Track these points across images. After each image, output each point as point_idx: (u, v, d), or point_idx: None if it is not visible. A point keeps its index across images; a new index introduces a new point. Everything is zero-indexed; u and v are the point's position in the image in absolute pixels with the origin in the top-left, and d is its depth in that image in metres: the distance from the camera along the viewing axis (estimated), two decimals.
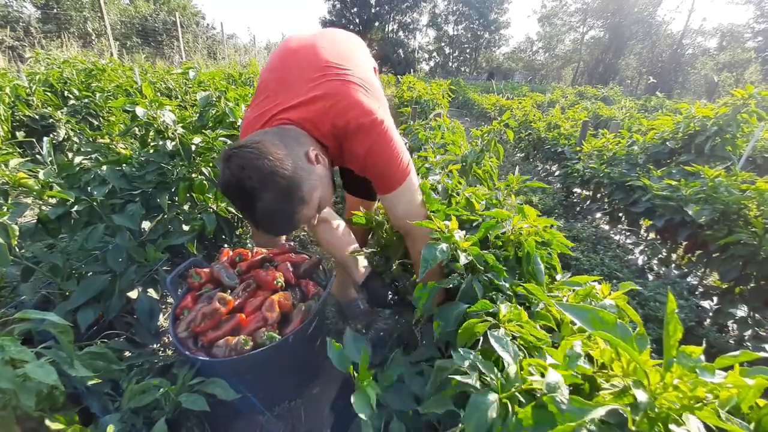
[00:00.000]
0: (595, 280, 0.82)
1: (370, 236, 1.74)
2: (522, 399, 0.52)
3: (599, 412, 0.39)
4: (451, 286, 0.85)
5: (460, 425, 0.51)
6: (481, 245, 0.94)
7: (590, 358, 0.60)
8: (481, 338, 0.68)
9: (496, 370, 0.56)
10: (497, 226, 0.96)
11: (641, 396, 0.41)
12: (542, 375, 0.51)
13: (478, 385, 0.55)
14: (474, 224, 1.12)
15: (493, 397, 0.51)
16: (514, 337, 0.65)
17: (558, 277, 0.98)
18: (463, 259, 0.81)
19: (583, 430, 0.44)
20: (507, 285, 0.84)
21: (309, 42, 1.11)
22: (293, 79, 1.03)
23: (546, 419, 0.41)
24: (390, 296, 1.24)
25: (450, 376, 0.58)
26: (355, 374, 0.68)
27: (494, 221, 0.99)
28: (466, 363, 0.57)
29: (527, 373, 0.54)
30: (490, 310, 0.71)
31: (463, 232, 0.92)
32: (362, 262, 1.27)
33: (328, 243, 1.29)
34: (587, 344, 0.55)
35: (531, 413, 0.45)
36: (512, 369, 0.54)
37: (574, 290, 0.83)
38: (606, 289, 0.77)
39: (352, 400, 0.64)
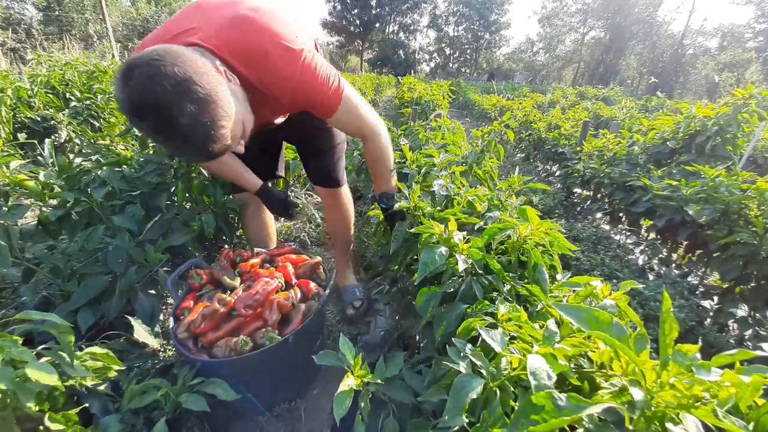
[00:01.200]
0: (595, 281, 0.82)
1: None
2: (513, 389, 0.54)
3: (595, 409, 0.39)
4: (451, 288, 0.85)
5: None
6: (482, 250, 0.94)
7: (590, 358, 0.60)
8: (480, 337, 0.68)
9: (486, 360, 0.57)
10: (500, 232, 0.94)
11: (638, 395, 0.41)
12: (524, 355, 0.53)
13: (469, 372, 0.57)
14: (476, 227, 1.10)
15: (478, 381, 0.53)
16: (512, 337, 0.65)
17: (558, 277, 0.98)
18: (462, 264, 0.81)
19: (581, 429, 0.44)
20: (507, 287, 0.84)
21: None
22: (198, 14, 0.96)
23: (529, 406, 0.41)
24: (285, 203, 1.42)
25: (445, 363, 0.60)
26: (349, 370, 0.70)
27: (497, 228, 0.96)
28: (461, 354, 0.59)
29: (507, 352, 0.56)
30: (489, 310, 0.71)
31: (464, 233, 0.91)
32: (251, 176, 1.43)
33: (219, 167, 1.41)
34: (585, 344, 0.55)
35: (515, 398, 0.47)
36: (503, 361, 0.56)
37: (574, 291, 0.83)
38: (606, 290, 0.77)
39: (334, 398, 0.65)
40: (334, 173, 1.58)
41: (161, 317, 1.48)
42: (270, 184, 1.52)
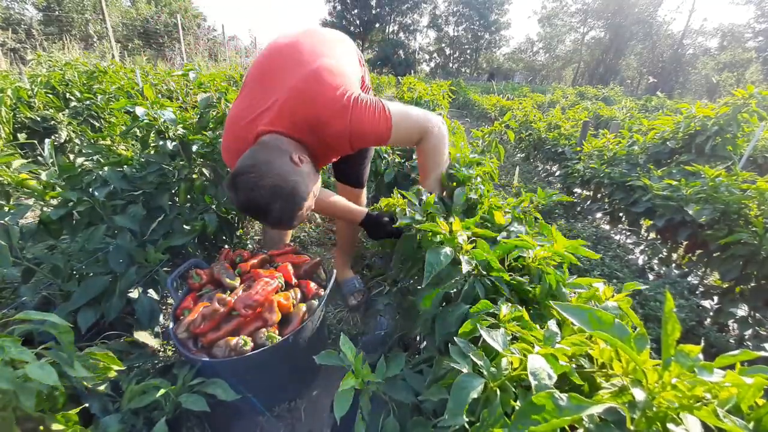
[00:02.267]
0: (598, 282, 0.81)
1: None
2: (514, 390, 0.54)
3: (596, 410, 0.39)
4: (454, 290, 0.85)
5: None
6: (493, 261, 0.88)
7: (590, 358, 0.60)
8: (482, 337, 0.68)
9: (487, 360, 0.58)
10: (516, 250, 0.87)
11: (639, 395, 0.41)
12: (524, 356, 0.53)
13: (470, 371, 0.57)
14: (497, 238, 1.01)
15: (478, 381, 0.54)
16: (515, 338, 0.65)
17: None
18: (465, 266, 0.80)
19: (582, 429, 0.44)
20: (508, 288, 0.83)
21: (293, 39, 1.24)
22: (272, 77, 1.16)
23: (530, 406, 0.41)
24: (389, 228, 1.36)
25: (446, 363, 0.59)
26: (349, 369, 0.69)
27: (512, 245, 0.87)
28: (462, 354, 0.60)
29: (508, 352, 0.56)
30: (491, 311, 0.71)
31: (467, 234, 0.90)
32: (359, 208, 1.45)
33: (324, 208, 1.44)
34: (586, 343, 0.55)
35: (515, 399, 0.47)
36: (504, 361, 0.56)
37: (576, 292, 0.82)
38: (609, 292, 0.77)
39: (335, 398, 0.65)
40: (361, 175, 1.69)
41: (161, 317, 1.48)
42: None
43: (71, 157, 3.07)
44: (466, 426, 0.53)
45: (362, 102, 1.11)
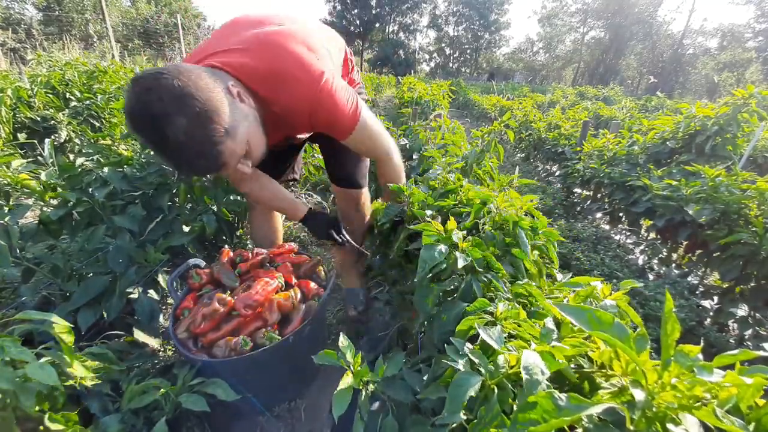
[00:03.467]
0: (596, 281, 0.82)
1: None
2: (511, 387, 0.54)
3: (596, 410, 0.39)
4: (451, 287, 0.86)
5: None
6: (471, 231, 1.00)
7: (590, 359, 0.60)
8: (479, 335, 0.69)
9: (485, 358, 0.58)
10: (482, 207, 1.00)
11: (638, 395, 0.41)
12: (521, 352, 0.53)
13: (468, 370, 0.57)
14: (464, 215, 1.14)
15: (476, 379, 0.54)
16: (511, 336, 0.65)
17: (560, 277, 0.98)
18: (461, 262, 0.81)
19: (581, 429, 0.44)
20: (507, 288, 0.84)
21: (262, 15, 1.12)
22: (233, 33, 1.01)
23: (529, 405, 0.42)
24: (332, 231, 1.36)
25: (444, 362, 0.60)
26: (348, 369, 0.70)
27: (479, 204, 1.02)
28: (459, 352, 0.60)
29: (505, 350, 0.56)
30: (488, 309, 0.71)
31: (462, 233, 0.92)
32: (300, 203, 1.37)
33: (262, 196, 1.34)
34: (585, 344, 0.55)
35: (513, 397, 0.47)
36: (501, 358, 0.56)
37: (574, 291, 0.83)
38: (607, 290, 0.77)
39: (333, 397, 0.66)
40: (355, 175, 1.50)
41: (161, 317, 1.48)
42: (305, 201, 1.51)
43: (71, 157, 3.07)
44: (464, 424, 0.53)
45: (337, 82, 1.00)
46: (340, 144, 1.17)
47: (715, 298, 1.91)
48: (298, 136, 1.33)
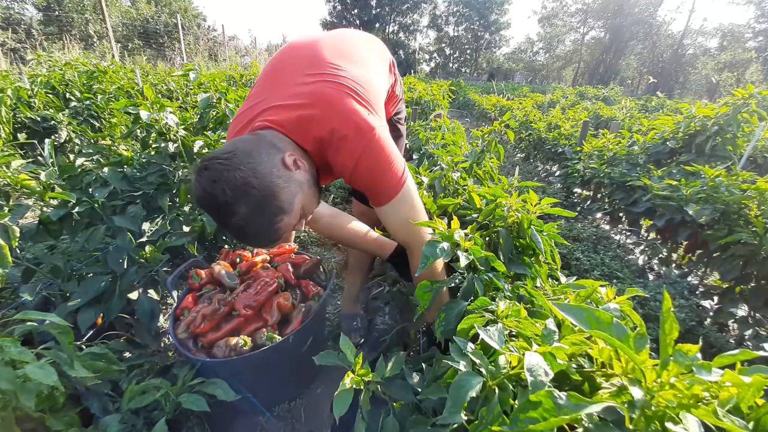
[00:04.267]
0: (601, 285, 0.82)
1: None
2: (512, 388, 0.54)
3: (595, 408, 0.39)
4: (452, 285, 0.86)
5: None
6: (481, 229, 1.00)
7: (590, 358, 0.60)
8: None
9: (486, 358, 0.58)
10: (497, 208, 0.99)
11: (638, 394, 0.41)
12: (523, 354, 0.53)
13: (469, 370, 0.57)
14: (467, 218, 1.14)
15: (477, 380, 0.53)
16: (512, 334, 0.65)
17: (563, 280, 0.98)
18: (463, 260, 0.81)
19: (581, 428, 0.44)
20: (508, 287, 0.84)
21: (311, 40, 1.06)
22: (285, 77, 0.98)
23: (529, 404, 0.42)
24: None
25: (445, 362, 0.60)
26: (349, 369, 0.70)
27: (493, 205, 1.01)
28: (461, 352, 0.60)
29: (506, 350, 0.56)
30: (489, 307, 0.71)
31: (464, 232, 0.92)
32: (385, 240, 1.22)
33: (342, 237, 1.23)
34: (586, 342, 0.55)
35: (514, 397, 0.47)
36: (502, 359, 0.56)
37: (576, 292, 0.83)
38: (611, 293, 0.77)
39: (334, 398, 0.66)
40: None
41: (161, 317, 1.48)
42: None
43: (71, 157, 3.07)
44: (465, 424, 0.53)
45: (387, 142, 0.92)
46: None
47: (715, 298, 1.91)
48: None
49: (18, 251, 1.24)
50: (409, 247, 1.06)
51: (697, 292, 2.01)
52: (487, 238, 1.04)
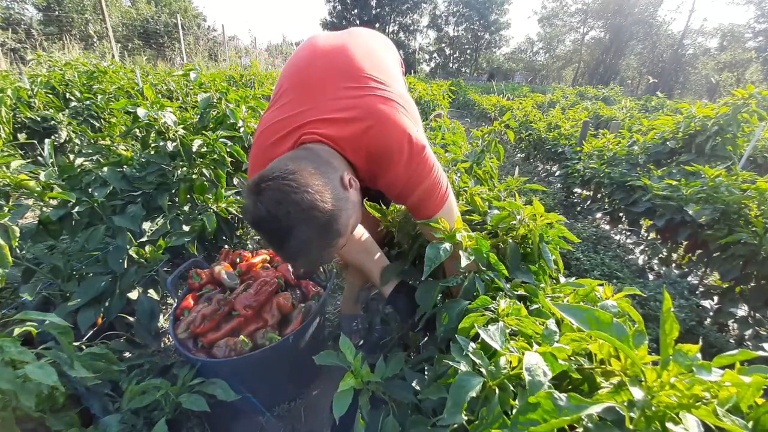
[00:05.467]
0: (599, 284, 0.82)
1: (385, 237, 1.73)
2: (512, 388, 0.54)
3: (595, 409, 0.39)
4: (454, 284, 0.86)
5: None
6: (489, 237, 0.99)
7: (590, 356, 0.60)
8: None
9: (486, 359, 0.58)
10: (508, 217, 0.98)
11: (638, 394, 0.41)
12: (523, 354, 0.53)
13: (469, 370, 0.57)
14: (474, 223, 1.13)
15: (477, 380, 0.53)
16: (513, 332, 0.66)
17: (562, 279, 0.99)
18: (464, 260, 0.81)
19: (581, 429, 0.44)
20: (508, 286, 0.84)
21: (339, 44, 1.02)
22: (324, 85, 0.93)
23: (529, 405, 0.42)
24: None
25: (445, 362, 0.60)
26: (349, 369, 0.70)
27: (506, 213, 1.00)
28: (462, 352, 0.60)
29: (506, 350, 0.56)
30: (490, 306, 0.71)
31: (468, 232, 0.92)
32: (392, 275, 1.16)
33: (357, 260, 1.19)
34: (586, 339, 0.55)
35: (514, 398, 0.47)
36: (503, 359, 0.56)
37: (575, 291, 0.83)
38: (609, 291, 0.78)
39: (334, 398, 0.66)
40: None
41: (161, 317, 1.48)
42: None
43: (71, 157, 3.07)
44: (465, 424, 0.53)
45: (433, 159, 0.93)
46: None
47: (715, 298, 1.91)
48: None
49: (18, 251, 1.24)
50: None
51: (697, 292, 2.01)
52: (495, 249, 1.02)
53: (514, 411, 0.45)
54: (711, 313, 1.84)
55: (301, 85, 0.97)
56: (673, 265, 2.28)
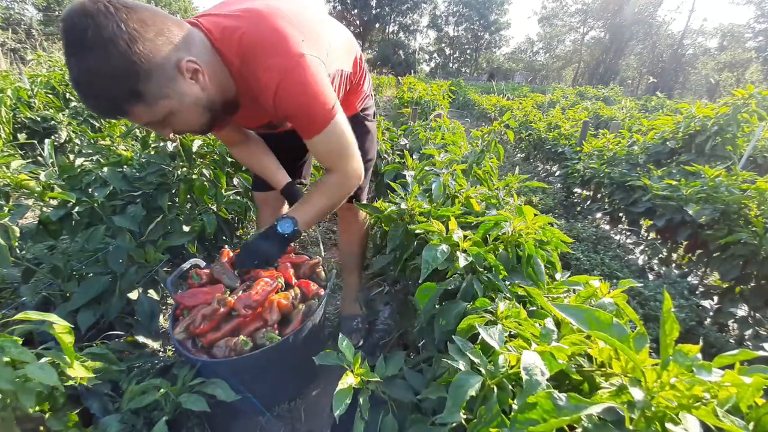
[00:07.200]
0: (594, 280, 0.82)
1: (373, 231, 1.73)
2: (511, 388, 0.54)
3: (595, 409, 0.39)
4: (452, 286, 0.86)
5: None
6: (479, 246, 0.95)
7: (590, 357, 0.60)
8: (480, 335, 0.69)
9: (485, 358, 0.58)
10: (496, 227, 0.97)
11: (638, 394, 0.41)
12: (521, 353, 0.53)
13: (468, 370, 0.57)
14: (473, 224, 1.13)
15: (476, 379, 0.54)
16: (512, 335, 0.65)
17: (558, 276, 0.98)
18: (462, 261, 0.82)
19: (580, 429, 0.44)
20: (507, 285, 0.84)
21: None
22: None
23: (527, 406, 0.42)
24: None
25: (445, 362, 0.60)
26: (348, 368, 0.70)
27: (492, 223, 0.99)
28: (461, 352, 0.60)
29: (504, 350, 0.56)
30: (489, 308, 0.71)
31: (463, 231, 0.92)
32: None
33: (251, 166, 1.33)
34: (585, 342, 0.55)
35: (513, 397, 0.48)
36: (501, 358, 0.56)
37: (573, 290, 0.83)
38: (605, 288, 0.78)
39: (334, 397, 0.66)
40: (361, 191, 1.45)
41: (161, 317, 1.48)
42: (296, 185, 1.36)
43: (71, 157, 3.07)
44: (464, 423, 0.53)
45: (318, 72, 0.89)
46: None
47: (715, 298, 1.91)
48: (281, 127, 1.22)
49: (18, 251, 1.24)
50: (332, 171, 1.08)
51: (697, 292, 2.01)
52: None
53: (513, 410, 0.45)
54: (711, 313, 1.84)
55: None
56: (673, 265, 2.28)
